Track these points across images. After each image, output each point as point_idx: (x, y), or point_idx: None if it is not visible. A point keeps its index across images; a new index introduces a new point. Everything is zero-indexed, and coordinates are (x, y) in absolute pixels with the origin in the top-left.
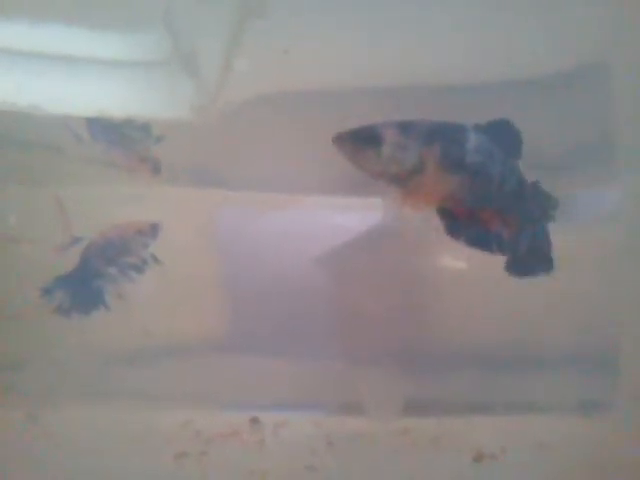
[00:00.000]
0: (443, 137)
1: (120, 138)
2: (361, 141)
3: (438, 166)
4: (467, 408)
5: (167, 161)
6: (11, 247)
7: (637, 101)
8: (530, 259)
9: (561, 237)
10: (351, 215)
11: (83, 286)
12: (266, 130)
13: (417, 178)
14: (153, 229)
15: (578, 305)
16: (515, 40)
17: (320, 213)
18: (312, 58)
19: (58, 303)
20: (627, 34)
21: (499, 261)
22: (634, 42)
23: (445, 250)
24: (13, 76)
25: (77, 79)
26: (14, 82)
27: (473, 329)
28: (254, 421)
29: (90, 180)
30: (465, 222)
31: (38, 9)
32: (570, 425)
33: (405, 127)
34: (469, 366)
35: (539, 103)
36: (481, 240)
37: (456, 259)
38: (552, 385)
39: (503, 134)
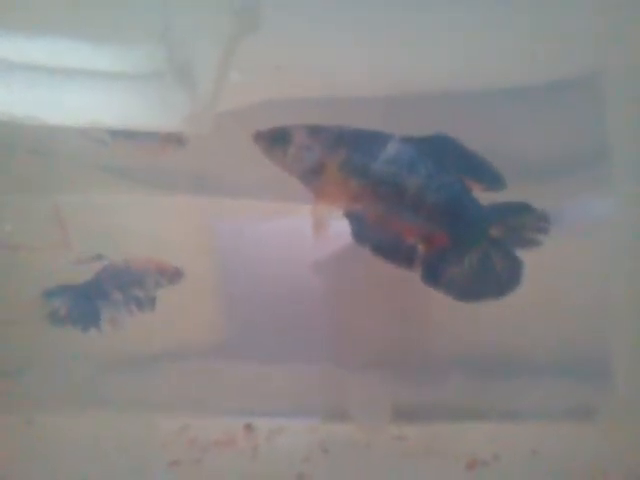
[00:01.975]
0: (352, 143)
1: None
2: (273, 140)
3: (338, 169)
4: (460, 415)
5: (164, 170)
6: (8, 254)
7: (632, 109)
8: (478, 283)
9: (555, 245)
10: (347, 222)
11: (85, 302)
12: None
13: (318, 178)
14: (175, 274)
15: (571, 313)
16: (509, 49)
17: None
18: (304, 69)
19: (54, 309)
20: (621, 43)
21: None
22: (629, 50)
23: None
24: (10, 87)
25: (73, 90)
26: (12, 93)
27: (467, 337)
28: (248, 427)
29: (88, 188)
30: (374, 229)
31: (35, 22)
32: (562, 432)
33: (315, 130)
34: (462, 373)
35: (534, 111)
36: (387, 250)
37: None
38: (545, 392)
39: (440, 149)
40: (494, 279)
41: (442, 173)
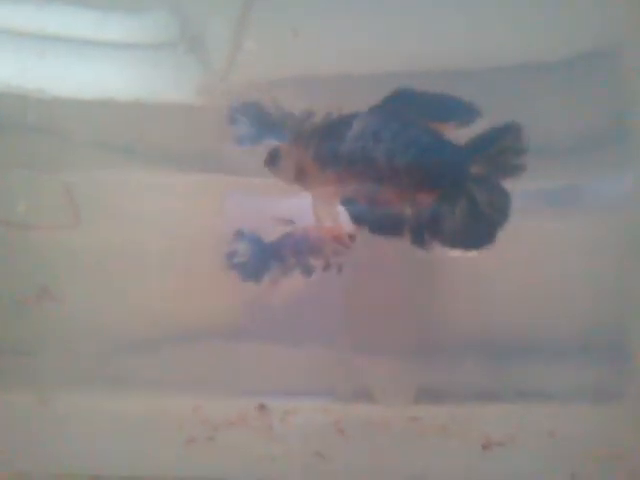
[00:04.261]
0: (320, 136)
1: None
2: (270, 160)
3: (312, 164)
4: (477, 396)
5: (173, 146)
6: (20, 234)
7: None
8: (471, 230)
9: (573, 224)
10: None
11: (261, 258)
12: None
13: (304, 179)
14: (349, 239)
15: (590, 293)
16: (525, 24)
17: None
18: (322, 38)
19: (233, 251)
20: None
21: (509, 248)
22: None
23: None
24: (19, 59)
25: (84, 61)
26: (20, 65)
27: (483, 317)
28: (261, 408)
29: (98, 166)
30: (368, 208)
31: None
32: (580, 413)
33: (294, 138)
34: (479, 354)
35: (551, 87)
36: (380, 225)
37: None
38: (562, 373)
39: (404, 104)
40: (483, 223)
41: (408, 129)
